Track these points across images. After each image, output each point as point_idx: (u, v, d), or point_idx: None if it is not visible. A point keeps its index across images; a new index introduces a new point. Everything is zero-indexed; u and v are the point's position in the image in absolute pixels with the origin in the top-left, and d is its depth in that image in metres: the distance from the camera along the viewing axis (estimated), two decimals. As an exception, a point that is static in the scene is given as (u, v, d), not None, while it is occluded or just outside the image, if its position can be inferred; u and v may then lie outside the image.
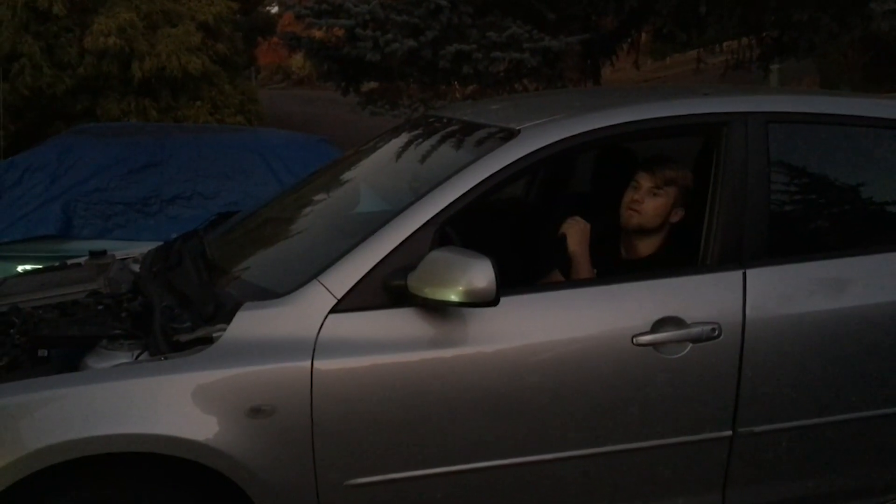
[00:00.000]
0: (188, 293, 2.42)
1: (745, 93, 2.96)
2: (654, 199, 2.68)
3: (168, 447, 2.10)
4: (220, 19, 10.75)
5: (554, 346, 2.33)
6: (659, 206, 2.68)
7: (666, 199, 2.68)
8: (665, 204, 2.68)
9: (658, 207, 2.68)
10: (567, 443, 2.34)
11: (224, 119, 10.71)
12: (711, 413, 2.41)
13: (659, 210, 2.68)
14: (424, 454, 2.26)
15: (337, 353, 2.18)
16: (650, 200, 2.68)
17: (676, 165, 2.71)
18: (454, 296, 2.11)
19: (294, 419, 2.15)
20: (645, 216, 2.69)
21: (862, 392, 2.50)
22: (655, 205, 2.68)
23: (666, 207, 2.68)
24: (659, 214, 2.69)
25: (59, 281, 2.88)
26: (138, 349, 2.24)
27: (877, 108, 2.79)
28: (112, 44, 9.50)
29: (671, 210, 2.69)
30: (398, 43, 7.03)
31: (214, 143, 5.11)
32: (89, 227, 4.50)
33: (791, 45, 8.11)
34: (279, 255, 2.74)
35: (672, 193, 2.68)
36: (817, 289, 2.49)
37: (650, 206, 2.68)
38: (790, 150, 2.64)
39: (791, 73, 13.51)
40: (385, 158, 3.09)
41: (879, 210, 2.78)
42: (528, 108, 3.10)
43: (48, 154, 4.84)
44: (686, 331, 2.35)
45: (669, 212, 2.69)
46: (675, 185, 2.67)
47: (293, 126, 10.98)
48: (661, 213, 2.69)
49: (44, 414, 2.08)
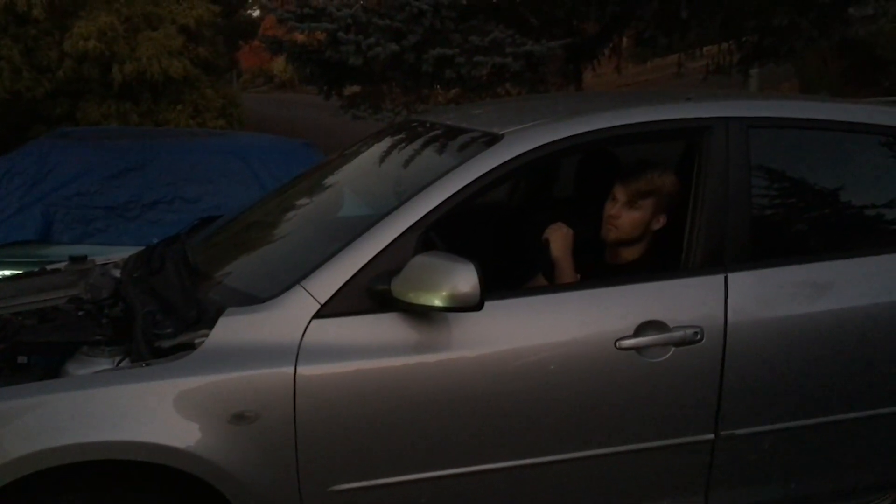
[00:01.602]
0: (170, 298, 2.40)
1: (727, 98, 2.98)
2: (630, 212, 2.65)
3: (150, 454, 2.08)
4: (201, 23, 10.68)
5: (538, 350, 2.33)
6: (636, 219, 2.65)
7: (643, 211, 2.65)
8: (642, 217, 2.65)
9: (635, 221, 2.66)
10: (551, 447, 2.34)
11: (205, 123, 10.64)
12: (694, 416, 2.42)
13: (636, 223, 2.66)
14: (408, 459, 2.26)
15: (320, 358, 2.17)
16: (627, 214, 2.65)
17: (655, 174, 2.66)
18: (438, 300, 2.11)
19: (277, 425, 2.14)
20: (622, 230, 2.67)
21: (843, 394, 2.53)
22: (632, 218, 2.65)
23: (644, 219, 2.66)
24: (637, 227, 2.66)
25: (39, 287, 2.85)
26: (119, 355, 2.23)
27: (856, 112, 2.82)
28: (92, 47, 9.42)
29: (650, 220, 2.67)
30: (380, 47, 7.03)
31: (196, 147, 5.08)
32: (69, 231, 4.46)
33: (771, 50, 8.19)
34: (262, 259, 2.73)
35: (650, 205, 2.64)
36: (798, 292, 2.50)
37: (627, 221, 2.66)
38: (771, 155, 2.65)
39: (770, 78, 13.63)
40: (368, 163, 3.09)
41: (859, 214, 2.80)
42: (510, 113, 3.11)
43: (27, 158, 4.80)
44: (669, 334, 2.36)
45: (649, 222, 2.67)
46: (653, 196, 2.64)
47: (275, 130, 10.93)
48: (639, 225, 2.66)
49: (23, 422, 2.05)
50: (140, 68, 9.79)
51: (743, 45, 8.53)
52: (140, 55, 9.81)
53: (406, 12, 7.06)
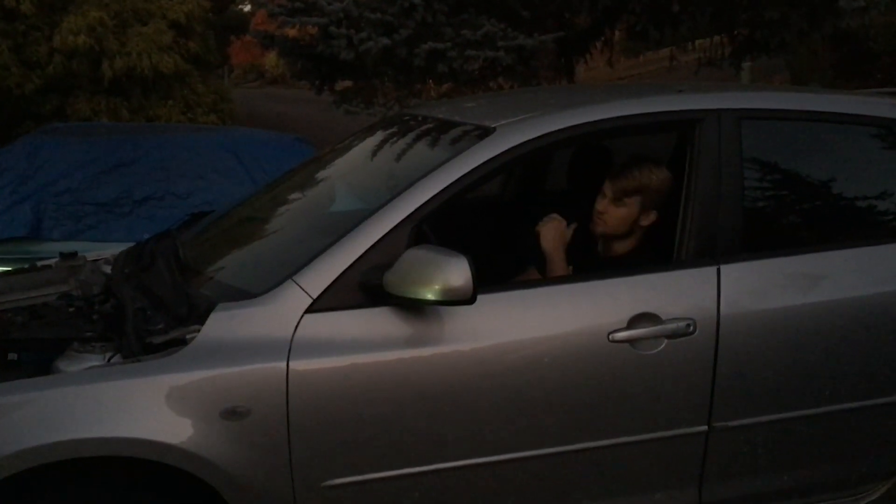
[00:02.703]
0: (161, 294, 2.39)
1: (718, 90, 2.98)
2: (616, 209, 2.65)
3: (141, 451, 2.07)
4: (192, 18, 10.63)
5: (530, 344, 2.33)
6: (622, 215, 2.65)
7: (629, 208, 2.64)
8: (629, 213, 2.64)
9: (622, 217, 2.65)
10: (544, 440, 2.34)
11: (196, 118, 10.60)
12: (687, 408, 2.43)
13: (623, 219, 2.65)
14: (402, 454, 2.25)
15: (313, 353, 2.16)
16: (613, 210, 2.65)
17: (644, 169, 2.64)
18: (431, 294, 2.10)
19: (270, 420, 2.14)
20: (609, 226, 2.67)
21: (835, 386, 2.53)
22: (619, 214, 2.65)
23: (631, 216, 2.65)
24: (624, 223, 2.66)
25: (29, 283, 2.83)
26: (110, 352, 2.21)
27: (847, 104, 2.83)
28: (82, 43, 9.37)
29: (638, 217, 2.66)
30: (372, 41, 7.01)
31: (187, 143, 5.06)
32: (60, 228, 4.43)
33: (762, 43, 8.20)
34: (254, 254, 2.72)
35: (635, 202, 2.63)
36: (791, 284, 2.51)
37: (613, 217, 2.66)
38: (763, 147, 2.65)
39: (762, 71, 13.67)
40: (360, 157, 3.08)
41: (851, 205, 2.80)
42: (503, 106, 3.10)
43: (17, 154, 4.77)
44: (661, 327, 2.36)
45: (636, 219, 2.66)
46: (640, 194, 2.63)
47: (267, 125, 10.92)
48: (626, 221, 2.66)
49: (13, 419, 2.04)
50: (130, 64, 9.74)
51: (735, 38, 8.55)
52: (130, 50, 9.76)
53: (397, 6, 7.04)
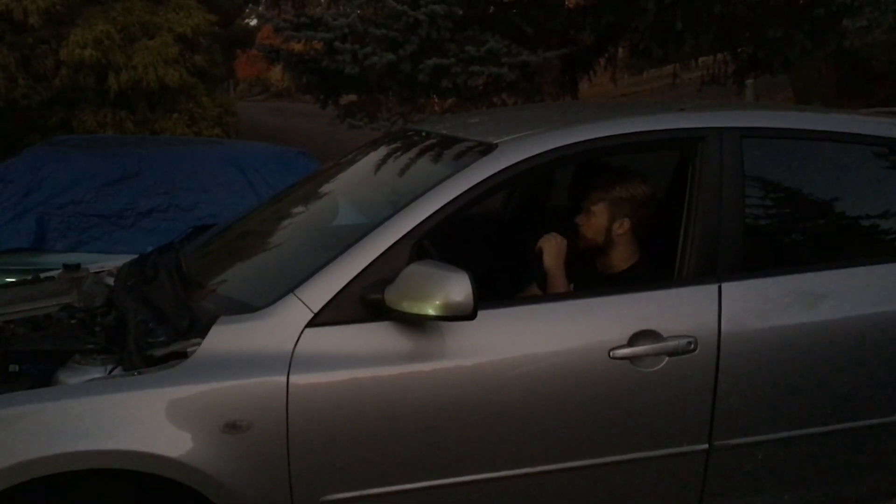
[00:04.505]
0: (163, 307, 2.40)
1: (721, 108, 2.99)
2: (587, 219, 2.77)
3: (141, 464, 2.07)
4: (198, 31, 10.70)
5: (531, 360, 2.32)
6: (592, 224, 2.75)
7: (597, 217, 2.74)
8: (598, 222, 2.74)
9: (593, 226, 2.75)
10: (544, 456, 2.34)
11: (201, 131, 10.65)
12: (687, 426, 2.42)
13: (595, 227, 2.75)
14: (402, 469, 2.25)
15: (313, 367, 2.16)
16: (584, 221, 2.77)
17: (609, 179, 2.76)
18: (432, 310, 2.10)
19: (270, 434, 2.13)
20: (583, 237, 2.78)
21: (836, 405, 2.52)
22: (589, 224, 2.76)
23: (600, 224, 2.74)
24: (596, 232, 2.75)
25: (32, 295, 2.84)
26: (112, 364, 2.21)
27: (849, 123, 2.83)
28: (88, 56, 9.43)
29: (609, 225, 2.73)
30: (377, 56, 7.05)
31: (192, 156, 5.08)
32: (63, 239, 4.45)
33: (765, 61, 8.24)
34: (256, 268, 2.72)
35: (602, 210, 2.73)
36: (792, 302, 2.51)
37: (585, 226, 2.78)
38: (764, 165, 2.66)
39: (765, 89, 13.68)
40: (363, 171, 3.09)
41: (853, 224, 2.81)
42: (506, 123, 3.12)
43: (22, 166, 4.79)
44: (662, 344, 2.36)
45: (608, 227, 2.73)
46: (604, 202, 2.72)
47: (271, 138, 10.95)
48: (597, 228, 2.75)
49: (14, 430, 2.04)
50: (136, 77, 9.80)
51: (738, 56, 8.58)
52: (136, 64, 9.82)
53: (402, 22, 7.09)
